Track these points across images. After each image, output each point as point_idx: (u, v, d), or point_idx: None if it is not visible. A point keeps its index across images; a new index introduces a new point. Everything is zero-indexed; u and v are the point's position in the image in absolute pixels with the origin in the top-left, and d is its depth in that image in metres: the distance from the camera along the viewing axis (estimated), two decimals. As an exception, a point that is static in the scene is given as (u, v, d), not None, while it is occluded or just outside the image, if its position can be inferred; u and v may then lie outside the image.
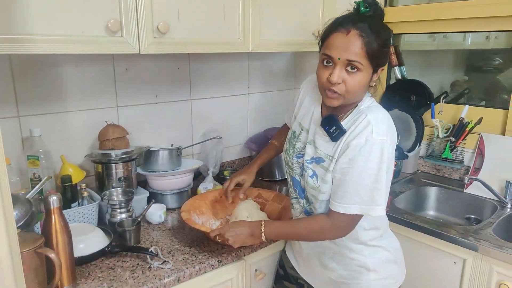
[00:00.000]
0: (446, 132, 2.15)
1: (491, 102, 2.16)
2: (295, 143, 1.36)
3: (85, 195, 1.54)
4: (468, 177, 1.93)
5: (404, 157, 2.16)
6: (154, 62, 1.84)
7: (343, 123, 1.20)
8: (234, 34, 1.62)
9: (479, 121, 2.02)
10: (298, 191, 1.36)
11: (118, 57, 1.72)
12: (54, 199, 1.12)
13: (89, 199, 1.56)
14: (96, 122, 1.68)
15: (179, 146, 1.82)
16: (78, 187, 1.55)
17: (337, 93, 1.15)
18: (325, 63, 1.16)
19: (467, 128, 2.06)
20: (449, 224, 1.73)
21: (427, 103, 2.21)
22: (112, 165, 1.60)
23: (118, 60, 1.73)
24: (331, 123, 1.20)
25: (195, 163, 1.88)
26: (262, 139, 2.18)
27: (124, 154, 1.62)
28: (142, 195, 1.69)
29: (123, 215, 1.51)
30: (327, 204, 1.26)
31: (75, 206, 1.51)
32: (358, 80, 1.14)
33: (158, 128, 1.91)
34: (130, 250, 1.38)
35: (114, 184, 1.61)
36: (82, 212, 1.49)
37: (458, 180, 2.12)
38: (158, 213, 1.60)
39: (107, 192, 1.55)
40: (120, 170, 1.62)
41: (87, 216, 1.50)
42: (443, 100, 2.15)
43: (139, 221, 1.45)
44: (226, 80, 2.13)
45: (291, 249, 1.53)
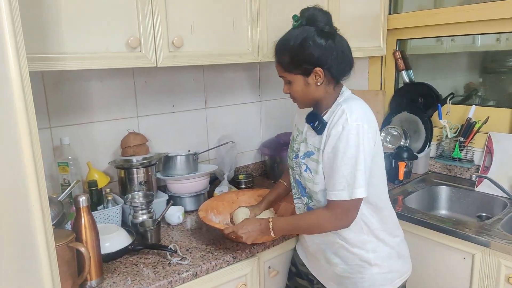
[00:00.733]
0: (455, 133, 2.20)
1: (505, 103, 2.16)
2: (293, 145, 1.46)
3: (109, 198, 1.66)
4: (476, 175, 1.97)
5: (414, 157, 2.21)
6: (171, 74, 1.96)
7: (325, 117, 1.31)
8: (243, 46, 1.73)
9: (486, 120, 2.07)
10: (300, 191, 1.44)
11: (137, 71, 1.85)
12: (83, 199, 1.24)
13: (113, 202, 1.68)
14: (118, 131, 1.81)
15: (196, 152, 1.93)
16: (103, 191, 1.68)
17: (293, 99, 1.37)
18: None
19: (475, 128, 2.11)
20: (459, 222, 1.77)
21: (434, 105, 2.27)
22: (134, 170, 1.72)
23: (138, 74, 1.86)
24: (314, 119, 1.33)
25: (210, 167, 1.99)
26: (275, 144, 2.27)
27: (144, 159, 1.74)
28: (162, 198, 1.80)
29: (144, 216, 1.62)
30: (321, 196, 1.33)
31: (100, 208, 1.63)
32: (295, 89, 1.32)
33: (175, 135, 2.03)
34: (151, 247, 1.49)
35: (135, 188, 1.73)
36: (107, 214, 1.60)
37: (469, 179, 2.16)
38: (176, 214, 1.70)
39: (129, 195, 1.66)
40: (141, 175, 1.73)
41: (111, 218, 1.61)
42: (450, 101, 2.21)
43: (159, 221, 1.56)
44: (238, 89, 2.24)
45: (301, 246, 1.61)
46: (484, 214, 2.01)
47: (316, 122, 1.31)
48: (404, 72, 2.43)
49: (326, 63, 1.26)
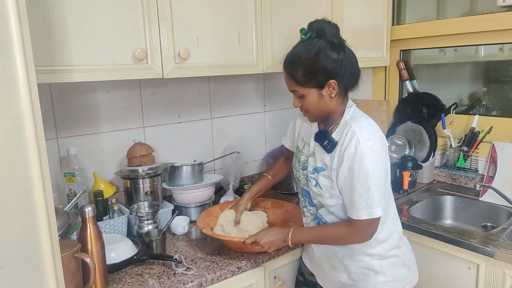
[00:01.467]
0: (459, 142, 2.20)
1: (509, 112, 2.16)
2: (300, 156, 1.48)
3: (115, 208, 1.68)
4: (480, 184, 1.97)
5: (419, 167, 2.22)
6: (177, 85, 1.98)
7: (334, 135, 1.33)
8: (248, 57, 1.75)
9: (490, 130, 2.07)
10: (307, 200, 1.46)
11: (144, 82, 1.88)
12: (89, 209, 1.25)
13: (119, 212, 1.69)
14: (124, 142, 1.83)
15: (201, 162, 1.94)
16: (109, 201, 1.69)
17: (305, 113, 1.37)
18: None
19: (479, 138, 2.11)
20: (465, 232, 1.77)
21: (438, 114, 2.27)
22: (139, 180, 1.73)
23: (144, 85, 1.88)
24: (323, 137, 1.33)
25: (216, 177, 2.00)
26: (280, 154, 2.27)
27: (150, 170, 1.75)
28: (167, 208, 1.81)
29: (150, 226, 1.63)
30: (336, 209, 1.36)
31: (106, 218, 1.65)
32: (308, 102, 1.32)
33: (181, 145, 2.05)
34: (156, 258, 1.50)
35: (141, 198, 1.74)
36: (112, 224, 1.61)
37: (474, 188, 2.16)
38: (182, 224, 1.71)
39: (135, 205, 1.68)
40: (147, 185, 1.74)
41: (117, 228, 1.63)
42: (453, 111, 2.21)
43: (164, 231, 1.57)
44: (244, 99, 2.26)
45: (307, 255, 1.62)
46: (489, 224, 2.00)
47: (326, 141, 1.32)
48: (408, 82, 2.44)
49: (339, 75, 1.28)
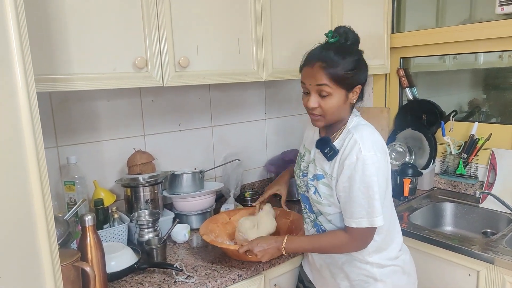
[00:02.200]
0: (458, 149, 2.21)
1: (508, 119, 2.17)
2: (300, 163, 1.48)
3: (115, 217, 1.67)
4: (480, 191, 1.97)
5: (419, 174, 2.22)
6: (177, 93, 1.99)
7: (335, 143, 1.32)
8: (248, 65, 1.76)
9: (489, 137, 2.08)
10: (307, 207, 1.46)
11: (144, 90, 1.88)
12: (89, 218, 1.25)
13: (119, 220, 1.69)
14: (125, 150, 1.83)
15: (202, 170, 1.94)
16: (109, 209, 1.69)
17: (318, 115, 1.30)
18: (304, 91, 1.32)
19: (478, 144, 2.11)
20: (465, 238, 1.77)
21: (438, 121, 2.28)
22: (140, 188, 1.73)
23: (145, 93, 1.89)
24: (324, 145, 1.32)
25: (216, 185, 2.00)
26: (281, 161, 2.28)
27: (150, 178, 1.75)
28: (168, 216, 1.81)
29: (150, 235, 1.62)
30: (334, 217, 1.36)
31: (106, 227, 1.64)
32: (331, 103, 1.27)
33: (181, 153, 2.05)
34: (157, 266, 1.50)
35: (142, 206, 1.74)
36: (113, 232, 1.61)
37: (474, 195, 2.15)
38: (182, 232, 1.71)
39: (136, 213, 1.68)
40: (147, 193, 1.74)
41: (117, 236, 1.62)
42: (453, 118, 2.22)
43: (165, 239, 1.57)
44: (244, 107, 2.26)
45: (307, 262, 1.61)
46: (489, 230, 2.00)
47: (327, 148, 1.31)
48: (408, 89, 2.45)
49: (364, 82, 1.32)
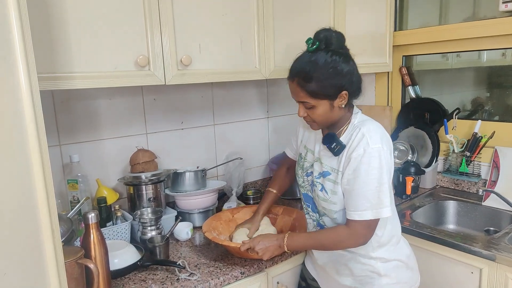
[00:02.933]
0: (461, 147, 2.20)
1: (510, 117, 2.18)
2: (303, 163, 1.48)
3: (118, 215, 1.68)
4: (483, 189, 1.97)
5: (421, 172, 2.21)
6: (179, 92, 2.00)
7: (342, 138, 1.33)
8: (251, 63, 1.76)
9: (492, 135, 2.07)
10: (310, 206, 1.46)
11: (146, 88, 1.89)
12: (92, 216, 1.26)
13: (122, 218, 1.69)
14: (127, 148, 1.83)
15: (204, 168, 1.95)
16: (112, 208, 1.70)
17: (310, 122, 1.35)
18: None
19: (481, 143, 2.11)
20: (467, 236, 1.77)
21: (441, 120, 2.27)
22: (143, 186, 1.74)
23: (147, 92, 1.89)
24: (331, 140, 1.33)
25: (219, 183, 2.00)
26: (283, 159, 2.28)
27: (153, 176, 1.76)
28: (171, 214, 1.81)
29: (153, 232, 1.63)
30: (339, 215, 1.36)
31: (109, 225, 1.65)
32: (317, 113, 1.31)
33: (184, 151, 2.05)
34: (159, 263, 1.50)
35: (144, 204, 1.74)
36: (116, 230, 1.62)
37: (477, 193, 2.15)
38: (185, 230, 1.71)
39: (138, 211, 1.68)
40: (150, 191, 1.75)
41: (120, 234, 1.63)
42: (456, 116, 2.21)
43: (168, 237, 1.58)
44: (246, 105, 2.26)
45: (310, 260, 1.62)
46: (491, 228, 2.00)
47: (334, 143, 1.32)
48: (410, 88, 2.45)
49: (350, 85, 1.29)
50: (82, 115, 1.73)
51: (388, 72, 2.54)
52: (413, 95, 2.45)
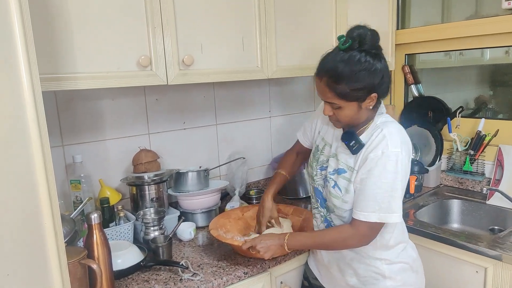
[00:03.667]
0: (465, 146, 2.19)
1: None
2: (319, 156, 1.46)
3: (121, 215, 1.68)
4: (487, 187, 1.96)
5: (425, 171, 2.20)
6: (182, 92, 1.99)
7: (361, 137, 1.30)
8: (253, 63, 1.75)
9: (496, 133, 2.06)
10: (319, 201, 1.45)
11: (149, 89, 1.89)
12: (95, 216, 1.26)
13: (125, 219, 1.69)
14: (130, 148, 1.84)
15: (206, 168, 1.94)
16: (115, 208, 1.70)
17: (335, 121, 1.32)
18: None
19: (485, 141, 2.10)
20: (472, 235, 1.76)
21: (444, 118, 2.26)
22: (145, 186, 1.74)
23: (149, 92, 1.89)
24: (350, 138, 1.30)
25: (221, 183, 2.00)
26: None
27: (155, 176, 1.75)
28: (173, 215, 1.81)
29: (156, 233, 1.63)
30: (348, 214, 1.35)
31: (112, 225, 1.65)
32: (344, 114, 1.28)
33: (186, 151, 2.05)
34: (162, 264, 1.50)
35: (147, 205, 1.74)
36: (119, 230, 1.62)
37: (481, 192, 2.15)
38: (188, 230, 1.71)
39: (141, 212, 1.68)
40: (153, 191, 1.75)
41: (123, 234, 1.63)
42: (459, 115, 2.20)
43: (171, 237, 1.57)
44: (249, 105, 2.26)
45: (313, 259, 1.61)
46: (496, 227, 1.99)
47: (353, 141, 1.29)
48: (413, 86, 2.44)
49: (380, 87, 1.26)
50: (85, 115, 1.73)
51: (391, 70, 2.52)
52: (416, 94, 2.45)
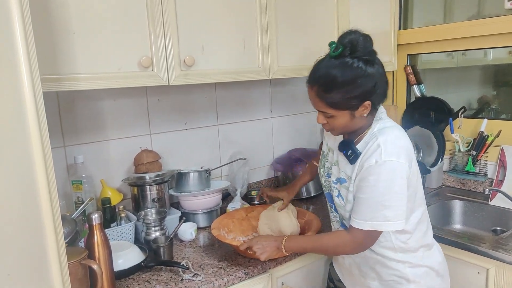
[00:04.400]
0: (467, 146, 2.19)
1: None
2: (324, 162, 1.45)
3: (122, 215, 1.68)
4: (489, 188, 1.95)
5: (427, 172, 2.20)
6: (183, 92, 2.00)
7: (358, 146, 1.28)
8: (254, 63, 1.75)
9: (498, 133, 2.05)
10: (333, 207, 1.43)
11: (150, 89, 1.89)
12: (96, 216, 1.26)
13: (126, 219, 1.70)
14: (131, 149, 1.84)
15: (208, 168, 1.94)
16: (117, 208, 1.70)
17: (329, 129, 1.30)
18: None
19: (487, 141, 2.09)
20: (474, 237, 1.75)
21: (446, 119, 2.26)
22: (147, 187, 1.74)
23: (151, 92, 1.90)
24: (347, 147, 1.28)
25: (223, 184, 2.00)
26: (287, 159, 2.28)
27: (157, 176, 1.76)
28: (175, 215, 1.81)
29: (157, 233, 1.63)
30: None
31: (114, 226, 1.65)
32: (337, 123, 1.26)
33: (188, 152, 2.05)
34: (163, 264, 1.50)
35: (148, 205, 1.75)
36: (120, 231, 1.62)
37: (483, 193, 2.13)
38: (189, 230, 1.71)
39: (142, 212, 1.68)
40: (154, 192, 1.75)
41: (124, 235, 1.63)
42: (462, 115, 2.20)
43: (172, 237, 1.57)
44: (250, 105, 2.26)
45: (337, 261, 1.59)
46: (499, 228, 1.98)
47: (350, 151, 1.27)
48: (415, 87, 2.43)
49: (374, 94, 1.22)
50: (86, 116, 1.74)
51: (393, 71, 2.52)
52: (418, 94, 2.44)
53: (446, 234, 1.74)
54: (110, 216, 1.65)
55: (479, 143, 2.12)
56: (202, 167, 1.97)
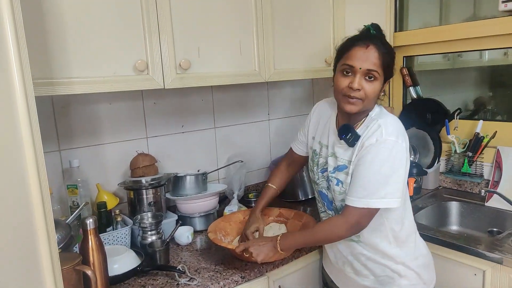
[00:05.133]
0: (463, 148, 2.19)
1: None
2: (318, 159, 1.46)
3: (118, 219, 1.67)
4: (485, 189, 1.96)
5: (423, 173, 2.20)
6: (179, 95, 1.99)
7: (358, 130, 1.32)
8: (250, 66, 1.75)
9: (494, 135, 2.06)
10: (326, 204, 1.45)
11: (146, 93, 1.88)
12: (90, 221, 1.25)
13: (122, 223, 1.68)
14: (127, 152, 1.83)
15: (205, 172, 1.94)
16: (113, 212, 1.68)
17: (357, 98, 1.27)
18: (345, 73, 1.29)
19: (483, 143, 2.09)
20: (470, 238, 1.75)
21: (442, 120, 2.26)
22: (143, 191, 1.73)
23: (147, 96, 1.89)
24: (346, 131, 1.31)
25: (220, 187, 2.00)
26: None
27: (153, 180, 1.75)
28: (171, 219, 1.80)
29: (153, 237, 1.62)
30: None
31: (109, 230, 1.64)
32: (374, 87, 1.28)
33: (184, 155, 2.05)
34: (159, 268, 1.49)
35: (145, 209, 1.74)
36: (116, 235, 1.61)
37: (479, 194, 2.13)
38: (186, 234, 1.70)
39: (139, 216, 1.67)
40: (150, 196, 1.74)
41: (120, 239, 1.62)
42: (457, 117, 2.20)
43: (168, 242, 1.57)
44: (247, 108, 2.26)
45: (328, 262, 1.60)
46: (495, 229, 1.98)
47: (349, 134, 1.31)
48: (411, 88, 2.43)
49: (391, 77, 1.35)
50: (82, 120, 1.73)
51: (389, 72, 2.52)
52: (414, 96, 2.44)
53: (442, 235, 1.74)
54: (106, 220, 1.64)
55: (475, 144, 2.12)
56: (198, 170, 1.97)
